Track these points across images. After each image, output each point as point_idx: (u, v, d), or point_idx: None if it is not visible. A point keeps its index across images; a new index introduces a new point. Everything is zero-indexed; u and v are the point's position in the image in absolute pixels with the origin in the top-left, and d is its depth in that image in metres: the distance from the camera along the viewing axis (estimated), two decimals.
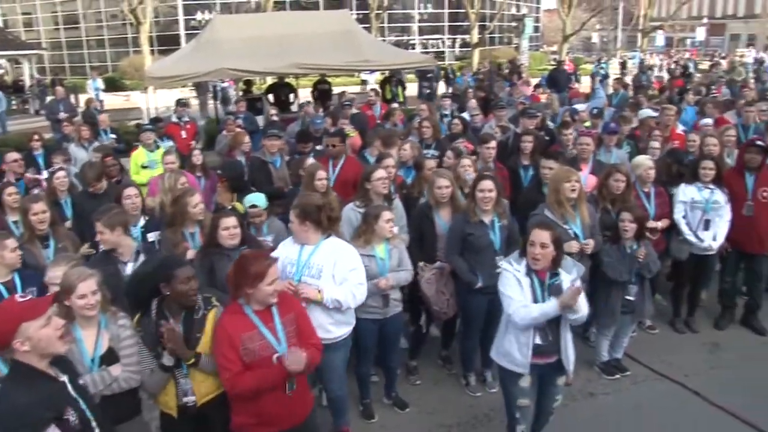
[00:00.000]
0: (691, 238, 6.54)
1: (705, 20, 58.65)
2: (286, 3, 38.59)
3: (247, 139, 8.59)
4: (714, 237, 6.54)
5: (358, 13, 35.71)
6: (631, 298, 5.75)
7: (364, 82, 26.51)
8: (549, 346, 4.32)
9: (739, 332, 6.95)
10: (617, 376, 6.06)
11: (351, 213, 5.62)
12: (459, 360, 6.08)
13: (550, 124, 9.56)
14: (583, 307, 4.22)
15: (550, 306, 4.13)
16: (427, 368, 6.25)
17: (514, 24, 42.77)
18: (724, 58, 34.26)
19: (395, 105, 13.46)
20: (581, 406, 5.68)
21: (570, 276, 4.32)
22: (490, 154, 7.18)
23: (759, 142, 6.84)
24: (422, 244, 5.71)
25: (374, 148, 7.62)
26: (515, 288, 4.24)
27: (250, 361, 3.62)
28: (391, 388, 5.70)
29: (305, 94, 17.11)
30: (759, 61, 27.36)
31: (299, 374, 3.71)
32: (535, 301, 4.22)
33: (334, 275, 4.45)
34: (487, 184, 5.34)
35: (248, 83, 16.43)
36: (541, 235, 4.21)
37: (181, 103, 12.35)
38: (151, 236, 5.64)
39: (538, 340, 4.27)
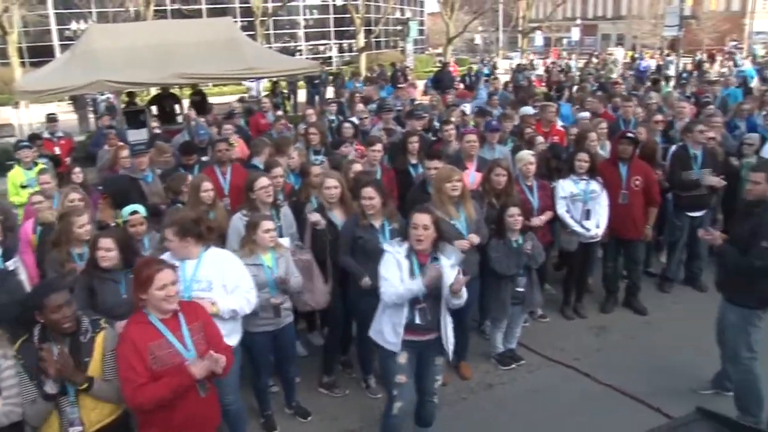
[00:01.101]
0: (578, 228, 6.83)
1: (578, 21, 61.59)
2: (167, 11, 37.46)
3: (125, 153, 8.21)
4: (597, 225, 6.86)
5: (242, 21, 35.21)
6: (521, 290, 5.94)
7: (248, 90, 26.09)
8: (427, 324, 4.50)
9: (623, 314, 7.35)
10: (513, 365, 6.25)
11: (238, 222, 5.53)
12: (357, 363, 6.10)
13: (437, 125, 9.75)
14: (463, 293, 4.41)
15: (415, 284, 4.33)
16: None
17: (399, 28, 43.41)
18: (596, 56, 36.00)
19: (279, 113, 13.33)
20: (480, 398, 5.83)
21: (449, 261, 4.51)
22: (375, 156, 7.24)
23: (629, 134, 7.27)
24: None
25: (263, 156, 7.52)
26: (393, 269, 4.43)
27: (159, 369, 3.52)
28: (291, 398, 5.64)
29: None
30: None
31: (211, 378, 3.67)
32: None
33: (225, 285, 4.39)
34: (368, 191, 5.32)
35: (131, 95, 15.80)
36: (422, 218, 4.43)
37: (50, 118, 11.77)
38: (10, 263, 5.40)
39: (418, 320, 4.47)
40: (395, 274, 4.42)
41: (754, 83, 19.23)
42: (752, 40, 50.58)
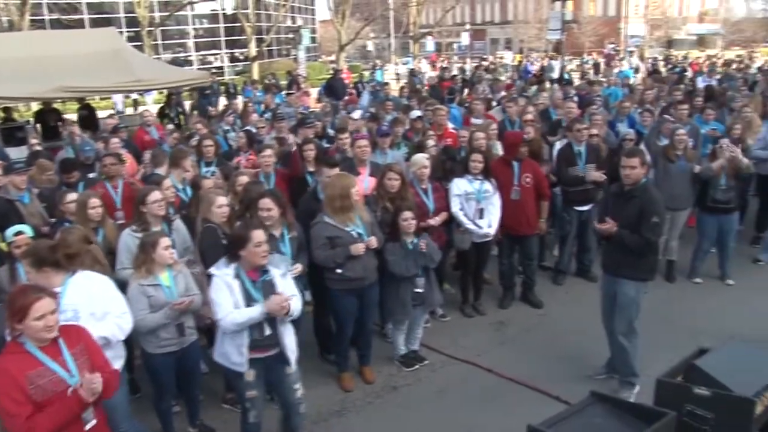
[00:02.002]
0: (471, 227, 6.97)
1: (468, 26, 63.31)
2: (45, 21, 35.71)
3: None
4: (489, 224, 7.03)
5: (128, 31, 34.12)
6: (420, 291, 6.02)
7: (135, 103, 25.26)
8: (268, 340, 4.55)
9: (521, 308, 7.59)
10: (416, 366, 6.31)
11: (128, 238, 5.31)
12: None
13: (331, 132, 9.75)
14: (295, 309, 4.51)
15: (256, 311, 4.37)
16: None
17: (291, 36, 43.21)
18: (485, 59, 37.11)
19: (170, 126, 12.94)
20: (386, 401, 5.86)
21: (279, 270, 4.61)
22: (267, 162, 7.17)
23: (525, 136, 7.56)
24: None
25: (165, 167, 7.26)
26: (224, 293, 4.41)
27: (42, 400, 3.30)
28: (195, 417, 5.47)
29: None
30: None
31: (96, 401, 3.47)
32: (249, 300, 4.43)
33: (93, 312, 4.15)
34: (266, 202, 5.33)
35: (7, 110, 14.89)
36: (259, 235, 4.45)
37: None
38: None
39: (256, 336, 4.49)
40: (228, 300, 4.40)
41: (638, 78, 20.21)
42: (628, 43, 53.57)
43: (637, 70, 27.37)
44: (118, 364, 4.33)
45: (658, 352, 5.60)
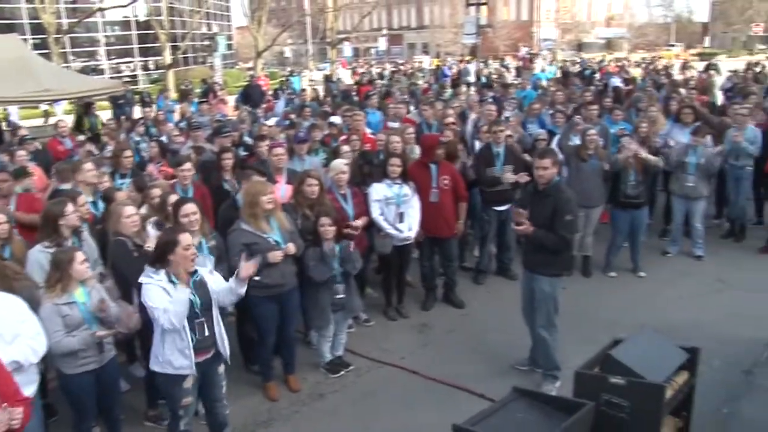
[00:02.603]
0: (391, 231, 7.01)
1: (385, 31, 63.90)
2: None
3: None
4: (409, 227, 7.08)
5: (33, 39, 32.82)
6: (341, 296, 6.02)
7: (46, 114, 24.32)
8: (207, 340, 4.60)
9: (443, 309, 7.65)
10: (342, 372, 6.28)
11: (40, 255, 5.07)
12: None
13: (248, 140, 9.62)
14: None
15: (182, 292, 4.39)
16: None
17: (206, 43, 42.58)
18: (403, 64, 37.48)
19: (81, 138, 12.44)
20: (313, 409, 5.80)
21: (206, 268, 4.80)
22: (185, 176, 6.98)
23: (443, 139, 7.66)
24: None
25: (72, 182, 6.97)
26: (159, 294, 4.38)
27: None
28: None
29: None
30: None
31: None
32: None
33: (2, 334, 3.92)
34: (190, 207, 5.28)
35: None
36: (186, 238, 4.49)
37: None
38: None
39: (198, 336, 4.53)
40: (164, 298, 4.37)
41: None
42: (541, 46, 55.24)
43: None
44: (31, 389, 4.10)
45: (579, 345, 5.74)
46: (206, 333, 4.57)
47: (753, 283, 7.79)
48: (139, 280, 4.52)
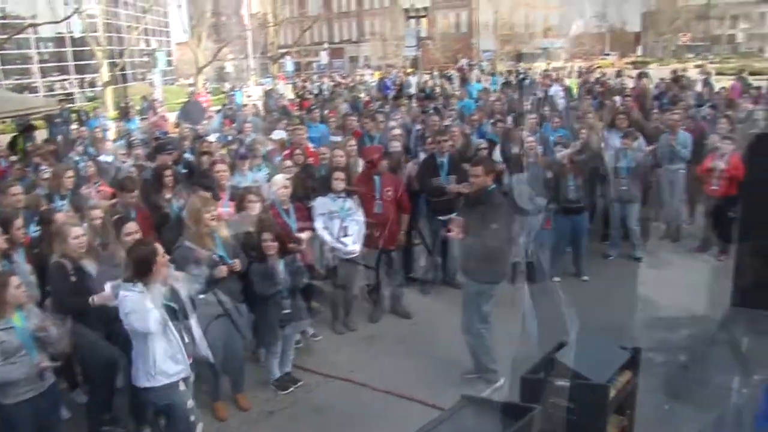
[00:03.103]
0: (336, 245, 7.00)
1: (326, 45, 63.97)
2: None
3: None
4: (354, 240, 7.08)
5: None
6: (287, 311, 5.98)
7: None
8: (188, 347, 4.63)
9: (391, 320, 7.68)
10: (291, 388, 6.21)
11: None
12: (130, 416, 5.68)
13: (189, 157, 9.48)
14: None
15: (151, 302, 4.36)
16: None
17: (145, 59, 41.90)
18: (345, 78, 37.46)
19: (13, 158, 11.99)
20: (263, 427, 5.74)
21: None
22: (130, 202, 6.80)
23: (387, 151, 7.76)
24: None
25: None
26: (137, 301, 4.35)
27: None
28: None
29: None
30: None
31: None
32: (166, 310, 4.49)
33: None
34: (132, 226, 5.35)
35: None
36: (159, 248, 4.57)
37: None
38: None
39: (187, 340, 4.60)
40: (144, 302, 4.35)
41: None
42: (481, 56, 56.12)
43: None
44: None
45: (525, 349, 5.80)
46: (187, 340, 4.60)
47: (690, 282, 8.03)
48: (120, 293, 4.47)
